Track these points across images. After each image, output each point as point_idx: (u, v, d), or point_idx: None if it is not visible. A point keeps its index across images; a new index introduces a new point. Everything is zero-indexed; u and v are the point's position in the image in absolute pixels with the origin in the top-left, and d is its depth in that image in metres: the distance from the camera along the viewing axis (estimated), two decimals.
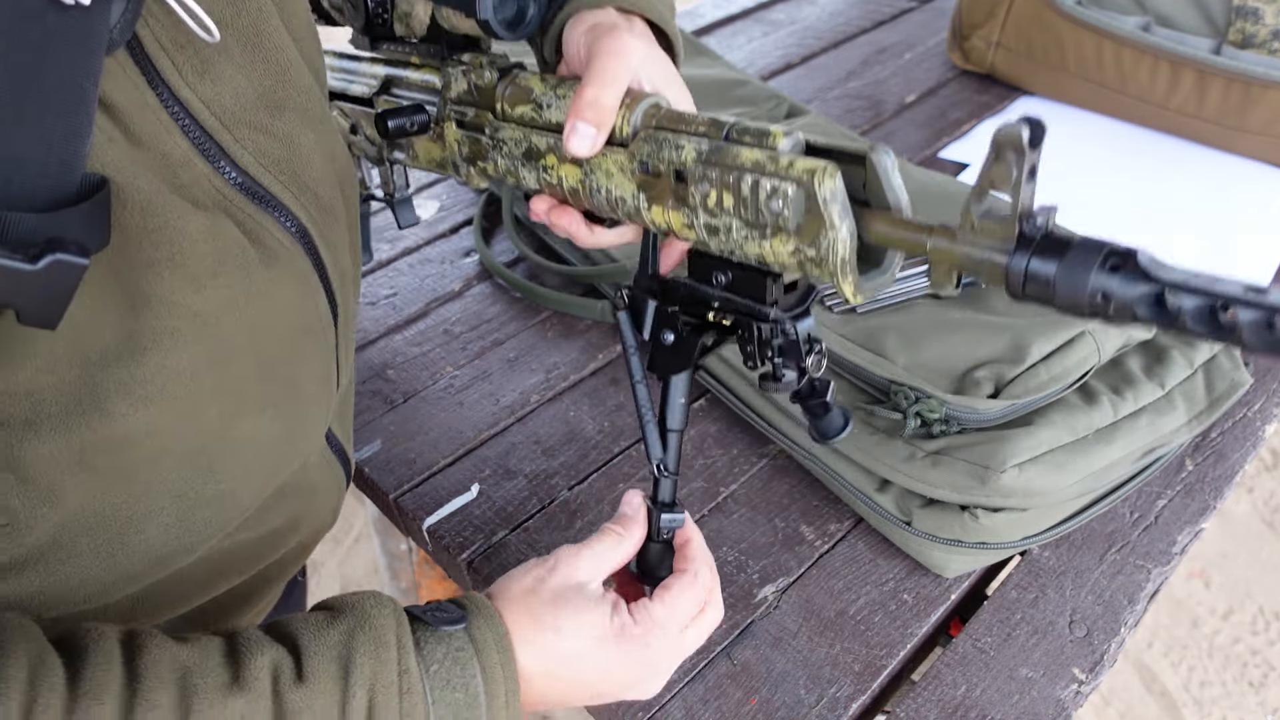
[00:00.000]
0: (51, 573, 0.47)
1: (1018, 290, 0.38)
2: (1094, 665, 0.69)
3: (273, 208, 0.48)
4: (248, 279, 0.47)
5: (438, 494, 0.80)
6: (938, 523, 0.72)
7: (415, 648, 0.48)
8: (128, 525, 0.48)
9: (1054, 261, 0.37)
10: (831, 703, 0.67)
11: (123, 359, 0.43)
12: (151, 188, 0.41)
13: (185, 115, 0.43)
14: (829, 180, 0.42)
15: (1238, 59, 1.10)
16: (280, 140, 0.48)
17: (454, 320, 0.97)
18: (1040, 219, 0.38)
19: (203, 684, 0.42)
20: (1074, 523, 0.76)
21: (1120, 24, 1.17)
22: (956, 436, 0.73)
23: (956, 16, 1.35)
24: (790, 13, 1.53)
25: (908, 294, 0.81)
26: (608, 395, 0.89)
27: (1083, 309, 0.36)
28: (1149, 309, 0.35)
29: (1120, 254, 0.36)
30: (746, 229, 0.46)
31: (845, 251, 0.43)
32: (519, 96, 0.56)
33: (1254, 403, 0.88)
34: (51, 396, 0.42)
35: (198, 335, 0.45)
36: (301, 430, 0.55)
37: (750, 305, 0.51)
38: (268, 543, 0.59)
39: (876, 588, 0.74)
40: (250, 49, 0.46)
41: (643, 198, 0.50)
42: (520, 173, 0.56)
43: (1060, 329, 0.75)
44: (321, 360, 0.55)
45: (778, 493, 0.81)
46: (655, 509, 0.58)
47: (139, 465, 0.47)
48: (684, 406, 0.56)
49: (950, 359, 0.75)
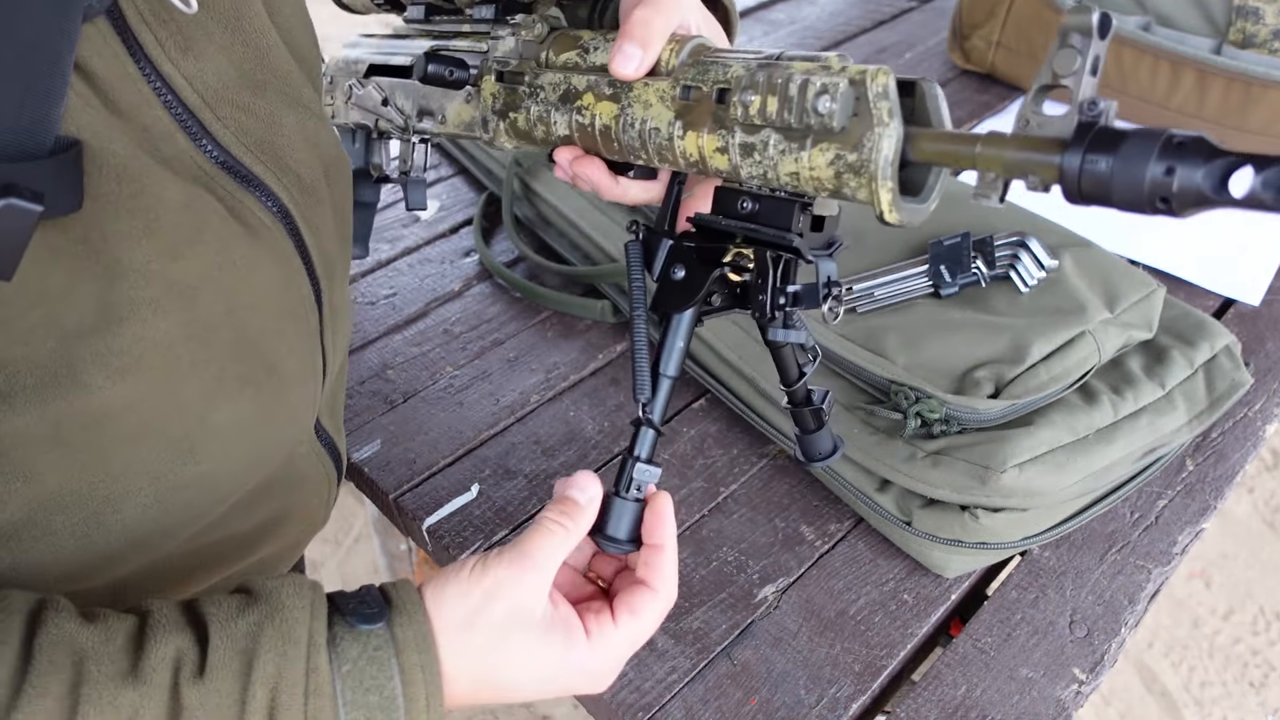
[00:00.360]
0: (25, 550, 0.46)
1: (1074, 188, 0.37)
2: (1094, 665, 0.69)
3: (254, 186, 0.48)
4: (227, 250, 0.46)
5: (438, 494, 0.80)
6: (938, 523, 0.72)
7: (329, 645, 0.45)
8: (104, 505, 0.47)
9: (1109, 155, 0.35)
10: (831, 703, 0.67)
11: (99, 330, 0.42)
12: (128, 153, 0.41)
13: (167, 90, 0.44)
14: (882, 76, 0.42)
15: (1238, 59, 1.10)
16: (261, 120, 0.48)
17: (454, 320, 0.97)
18: (1099, 108, 0.37)
19: (96, 672, 0.40)
20: (1074, 523, 0.76)
21: (1120, 24, 1.17)
22: (957, 436, 0.73)
23: (956, 16, 1.35)
24: (790, 12, 1.53)
25: (908, 294, 0.81)
26: (608, 395, 0.89)
27: (1143, 206, 0.35)
28: (1215, 190, 0.33)
29: (1180, 139, 0.34)
30: (785, 142, 0.45)
31: (890, 150, 0.42)
32: (566, 44, 0.56)
33: (1254, 403, 0.88)
34: (26, 368, 0.41)
35: (175, 305, 0.44)
36: (284, 415, 0.54)
37: (775, 234, 0.49)
38: (255, 536, 0.58)
39: (877, 588, 0.74)
40: (230, 30, 0.47)
41: (678, 125, 0.49)
42: (552, 118, 0.55)
43: (1060, 329, 0.75)
44: (304, 344, 0.54)
45: (778, 493, 0.81)
46: (630, 458, 0.53)
47: (116, 443, 0.46)
48: (681, 351, 0.53)
49: (950, 359, 0.75)
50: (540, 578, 0.49)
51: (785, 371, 0.59)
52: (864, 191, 0.44)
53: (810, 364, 0.58)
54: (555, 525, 0.51)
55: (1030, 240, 0.81)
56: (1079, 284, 0.80)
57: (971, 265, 0.81)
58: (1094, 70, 0.37)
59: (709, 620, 0.71)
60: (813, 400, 0.61)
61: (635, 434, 0.54)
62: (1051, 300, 0.79)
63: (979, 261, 0.81)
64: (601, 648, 0.50)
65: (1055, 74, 0.37)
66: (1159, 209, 0.35)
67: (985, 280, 0.81)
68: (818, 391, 0.62)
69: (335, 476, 0.64)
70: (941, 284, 0.81)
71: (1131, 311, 0.79)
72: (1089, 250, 0.84)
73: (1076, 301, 0.78)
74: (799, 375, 0.59)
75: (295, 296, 0.52)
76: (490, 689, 0.49)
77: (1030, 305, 0.79)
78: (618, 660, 0.52)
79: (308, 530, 0.63)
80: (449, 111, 0.64)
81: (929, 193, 0.46)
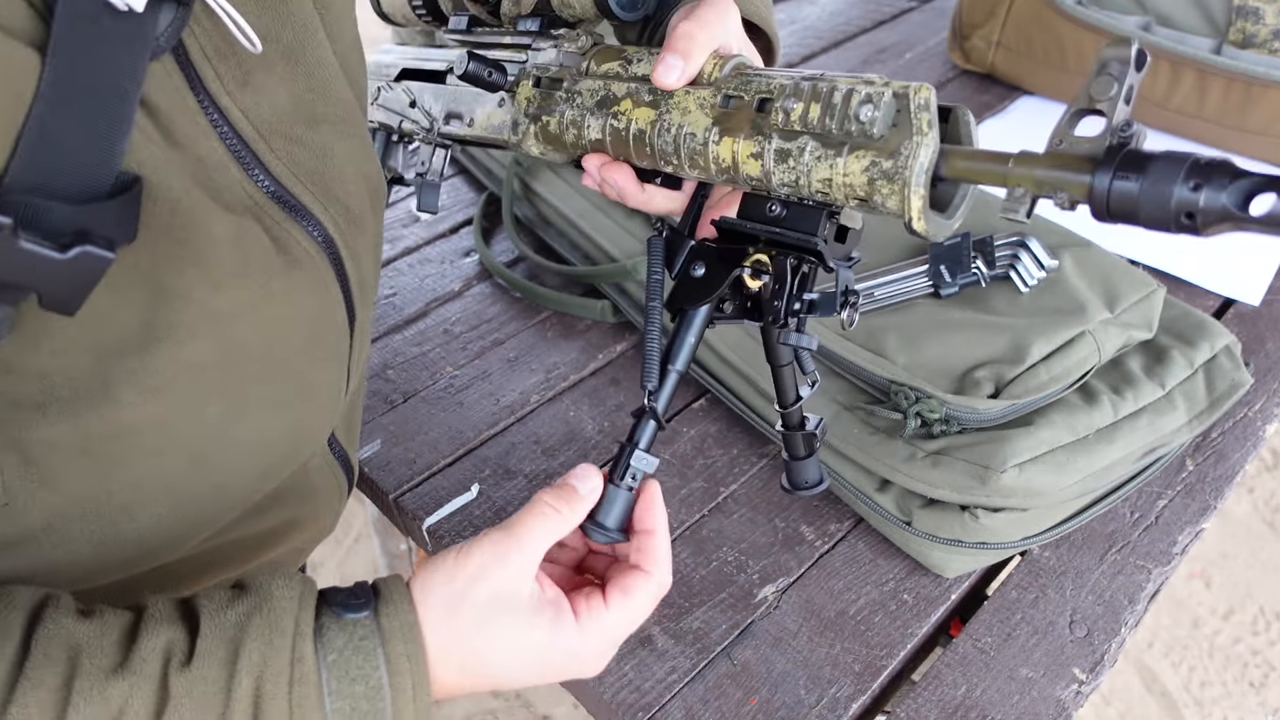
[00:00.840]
0: (43, 555, 0.47)
1: (1102, 206, 0.39)
2: (1094, 665, 0.69)
3: (301, 216, 0.49)
4: (268, 283, 0.47)
5: (438, 494, 0.80)
6: (938, 523, 0.72)
7: (315, 634, 0.45)
8: (121, 514, 0.48)
9: (1138, 175, 0.37)
10: (831, 703, 0.67)
11: (136, 349, 0.43)
12: (182, 187, 0.42)
13: (224, 122, 0.45)
14: (925, 91, 0.44)
15: (1238, 59, 1.10)
16: (314, 152, 0.49)
17: (454, 320, 0.97)
18: (1131, 131, 0.38)
19: (89, 665, 0.41)
20: (1074, 523, 0.76)
21: (1120, 24, 1.17)
22: (956, 436, 0.73)
23: (957, 16, 1.35)
24: (790, 12, 1.53)
25: (908, 294, 0.81)
26: (608, 395, 0.89)
27: (1168, 223, 0.37)
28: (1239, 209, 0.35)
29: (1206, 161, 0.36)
30: (822, 148, 0.47)
31: (926, 159, 0.44)
32: (610, 55, 0.57)
33: (1254, 402, 0.88)
34: (62, 380, 0.43)
35: (212, 332, 0.45)
36: (303, 433, 0.55)
37: (801, 238, 0.50)
38: (262, 541, 0.59)
39: (877, 588, 0.74)
40: (292, 62, 0.47)
41: (715, 131, 0.50)
42: (585, 122, 0.56)
43: (1060, 329, 0.75)
44: (333, 366, 0.55)
45: (778, 493, 0.81)
46: (629, 446, 0.53)
47: (138, 455, 0.47)
48: (691, 347, 0.54)
49: (950, 359, 0.75)
50: (525, 557, 0.48)
51: (783, 393, 0.60)
52: (894, 199, 0.45)
53: (809, 388, 0.59)
54: (548, 508, 0.50)
55: (1030, 240, 0.81)
56: (1079, 284, 0.80)
57: (971, 265, 0.81)
58: (1128, 99, 0.39)
59: (709, 620, 0.71)
60: (806, 425, 0.61)
61: (636, 423, 0.54)
62: (1051, 300, 0.79)
63: (979, 261, 0.81)
64: (592, 629, 0.50)
65: (1092, 98, 0.39)
66: (1184, 226, 0.36)
67: (985, 280, 0.81)
68: (812, 418, 0.62)
69: (346, 487, 0.65)
70: (941, 284, 0.81)
71: (1131, 311, 0.79)
72: (1089, 250, 0.84)
73: (1076, 301, 0.78)
74: (796, 398, 0.59)
75: (330, 323, 0.53)
76: (477, 674, 0.49)
77: (1030, 305, 0.79)
78: (609, 643, 0.51)
79: (315, 537, 0.64)
80: (478, 115, 0.65)
81: (954, 210, 0.47)
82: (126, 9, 0.37)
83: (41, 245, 0.35)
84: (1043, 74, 1.26)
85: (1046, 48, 1.24)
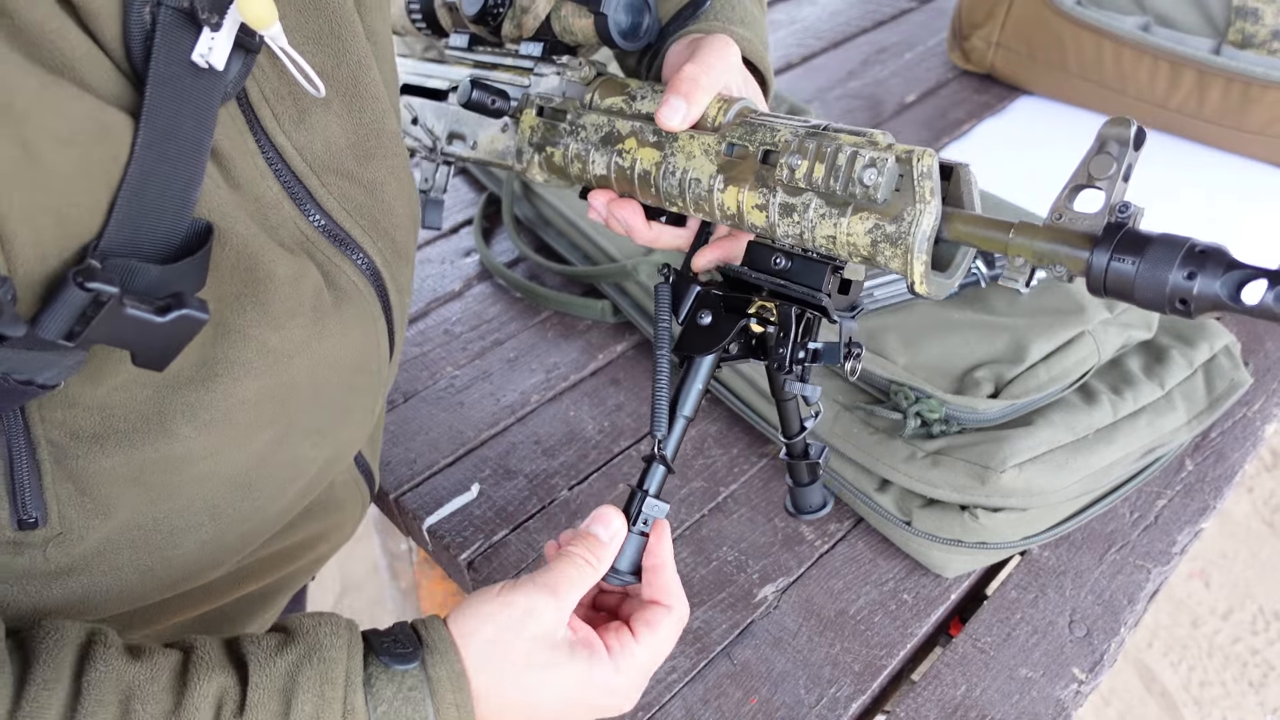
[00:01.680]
0: (94, 582, 0.48)
1: (1099, 284, 0.40)
2: (1094, 665, 0.69)
3: (350, 250, 0.50)
4: (322, 320, 0.48)
5: (438, 494, 0.80)
6: (938, 523, 0.72)
7: (365, 684, 0.46)
8: (167, 540, 0.49)
9: (1135, 257, 0.38)
10: (831, 703, 0.67)
11: (194, 384, 0.44)
12: (249, 232, 0.43)
13: (279, 160, 0.45)
14: (927, 158, 0.45)
15: (1237, 59, 1.10)
16: (364, 187, 0.50)
17: (454, 320, 0.97)
18: (1129, 211, 0.39)
19: (142, 711, 0.41)
20: (1074, 523, 0.76)
21: (1120, 24, 1.17)
22: (956, 436, 0.73)
23: (956, 16, 1.35)
24: (790, 12, 1.53)
25: (908, 294, 0.81)
26: (608, 395, 0.89)
27: (1162, 306, 0.38)
28: (1231, 298, 0.36)
29: (1201, 249, 0.37)
30: (826, 206, 0.47)
31: (928, 227, 0.44)
32: (613, 89, 0.58)
33: (1254, 402, 0.88)
34: (121, 414, 0.43)
35: (267, 369, 0.46)
36: (338, 455, 0.57)
37: (806, 292, 0.51)
38: (290, 555, 0.60)
39: (876, 588, 0.74)
40: (348, 99, 0.48)
41: (719, 179, 0.51)
42: (590, 158, 0.57)
43: (1060, 329, 0.75)
44: (371, 395, 0.56)
45: (778, 493, 0.81)
46: (639, 492, 0.55)
47: (187, 484, 0.48)
48: (700, 394, 0.55)
49: (950, 359, 0.75)
50: (561, 606, 0.50)
51: (787, 423, 0.61)
52: (897, 262, 0.46)
53: (813, 419, 0.60)
54: (581, 560, 0.52)
55: None
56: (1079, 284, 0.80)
57: (971, 265, 0.81)
58: (1126, 177, 0.40)
59: (709, 620, 0.71)
60: (809, 454, 0.64)
61: (646, 469, 0.55)
62: (1051, 300, 0.79)
63: (979, 262, 0.81)
64: (625, 663, 0.51)
65: (1091, 176, 0.40)
66: (1177, 310, 0.38)
67: (985, 280, 0.81)
68: (815, 446, 0.64)
69: (368, 499, 0.66)
70: None
71: (1131, 311, 0.79)
72: None
73: (1076, 301, 0.78)
74: (800, 429, 0.61)
75: (373, 353, 0.54)
76: (515, 712, 0.50)
77: (1030, 305, 0.79)
78: (643, 676, 0.53)
79: (337, 545, 0.65)
80: (481, 138, 0.65)
81: (954, 270, 0.48)
82: (207, 66, 0.38)
83: (143, 311, 0.36)
84: (1042, 74, 1.26)
85: (1046, 48, 1.24)
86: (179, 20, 0.37)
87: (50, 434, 0.43)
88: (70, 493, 0.44)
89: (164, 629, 0.57)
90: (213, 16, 0.37)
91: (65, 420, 0.43)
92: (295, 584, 0.65)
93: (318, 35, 0.46)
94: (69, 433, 0.43)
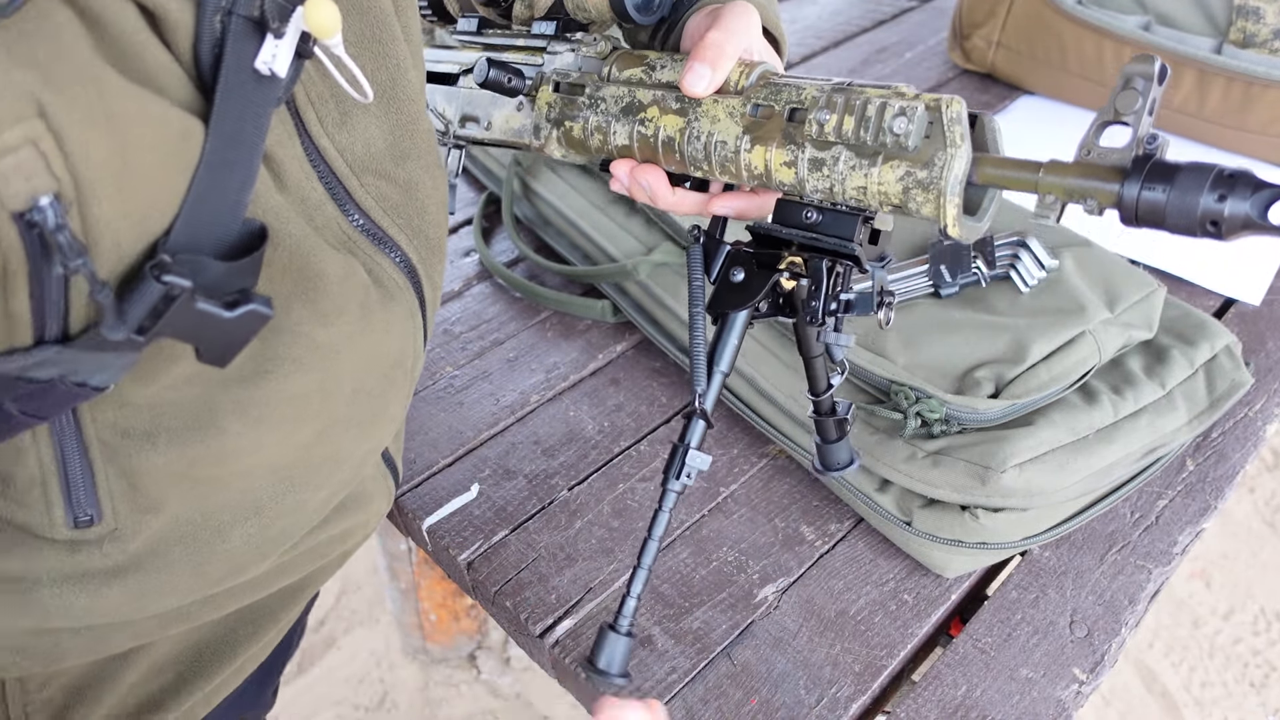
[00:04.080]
0: (148, 580, 0.49)
1: (1131, 215, 0.41)
2: (1094, 665, 0.69)
3: (389, 249, 0.51)
4: (368, 316, 0.49)
5: (438, 494, 0.80)
6: (938, 523, 0.72)
7: None
8: (215, 535, 0.50)
9: (1166, 185, 0.40)
10: (831, 703, 0.67)
11: (244, 381, 0.45)
12: (301, 232, 0.44)
13: (321, 162, 0.46)
14: (956, 104, 0.46)
15: (1238, 59, 1.10)
16: (400, 187, 0.51)
17: (454, 320, 0.97)
18: (1156, 144, 0.41)
19: None
20: (1074, 523, 0.76)
21: (1121, 23, 1.16)
22: (957, 436, 0.73)
23: (957, 16, 1.34)
24: (791, 12, 1.53)
25: (908, 294, 0.81)
26: (608, 395, 0.89)
27: (1194, 229, 0.40)
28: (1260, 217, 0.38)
29: (1230, 172, 0.39)
30: (856, 158, 0.48)
31: (960, 171, 0.46)
32: (631, 61, 0.58)
33: (1255, 402, 0.88)
34: (172, 412, 0.44)
35: (316, 365, 0.47)
36: (374, 448, 0.58)
37: (838, 243, 0.52)
38: (324, 547, 0.61)
39: (877, 588, 0.74)
40: (387, 100, 0.49)
41: (746, 140, 0.52)
42: (611, 129, 0.57)
43: (1061, 329, 0.75)
44: (405, 388, 0.57)
45: (778, 493, 0.81)
46: (681, 446, 0.56)
47: (234, 479, 0.49)
48: (735, 349, 0.56)
49: (950, 359, 0.75)
50: None
51: (815, 381, 0.62)
52: (929, 207, 0.47)
53: (839, 375, 0.61)
54: None
55: (1030, 240, 0.81)
56: (1079, 284, 0.80)
57: (971, 265, 0.81)
58: (1150, 111, 0.41)
59: (709, 620, 0.71)
60: (837, 410, 0.65)
61: (686, 425, 0.56)
62: (1052, 300, 0.79)
63: (979, 261, 0.81)
64: None
65: (1117, 111, 0.41)
66: (1208, 232, 0.39)
67: (985, 280, 0.81)
68: (842, 403, 0.65)
69: (393, 490, 0.67)
70: (941, 284, 0.81)
71: (1132, 311, 0.79)
72: (1089, 250, 0.84)
73: (1077, 301, 0.78)
74: (827, 386, 0.63)
75: (411, 348, 0.55)
76: None
77: (1030, 305, 0.79)
78: None
79: (364, 538, 0.66)
80: (496, 118, 0.65)
81: (984, 213, 0.49)
82: (269, 73, 0.38)
83: (213, 306, 0.37)
84: (1043, 74, 1.26)
85: (1047, 47, 1.24)
86: (247, 29, 0.38)
87: (102, 434, 0.43)
88: (123, 489, 0.45)
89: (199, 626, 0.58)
90: (281, 25, 0.38)
91: (116, 420, 0.43)
92: (325, 577, 0.66)
93: (361, 39, 0.46)
94: (120, 432, 0.44)
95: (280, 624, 0.64)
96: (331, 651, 1.62)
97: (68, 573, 0.47)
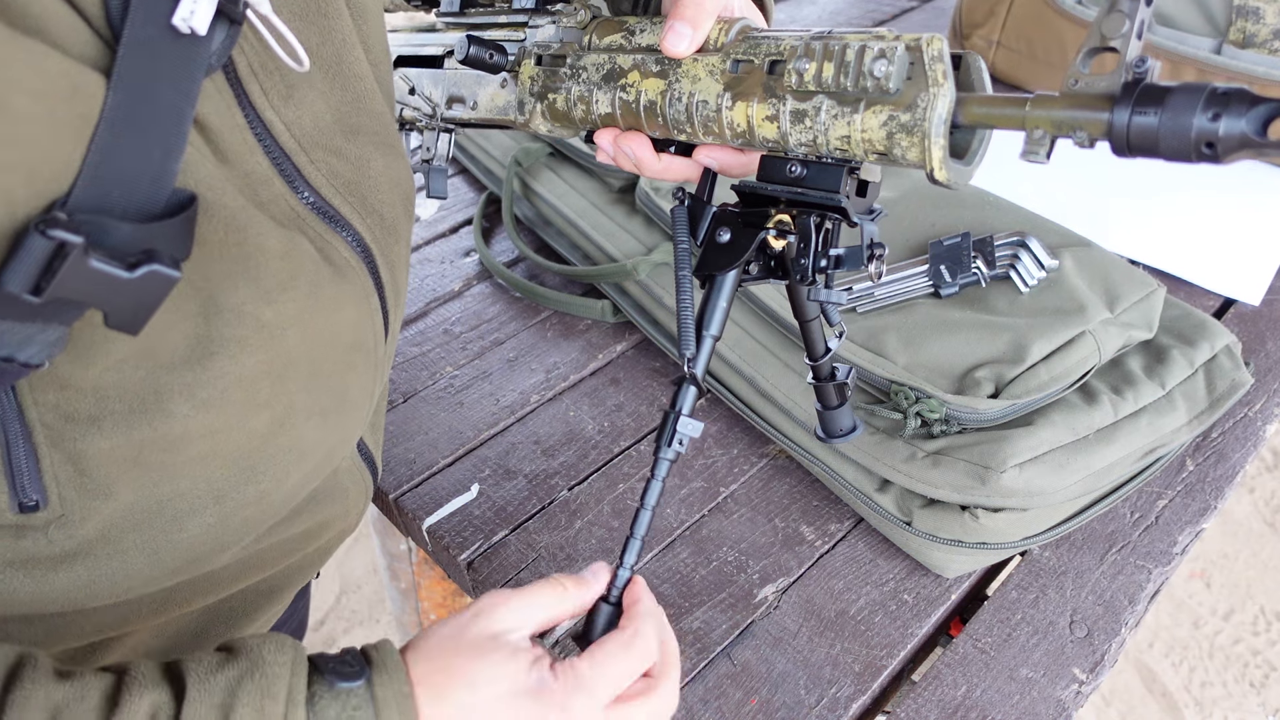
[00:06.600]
0: (99, 566, 0.48)
1: (1122, 141, 0.39)
2: (1094, 665, 0.69)
3: (340, 227, 0.50)
4: (316, 293, 0.48)
5: (437, 494, 0.80)
6: (938, 523, 0.72)
7: (308, 702, 0.44)
8: (172, 523, 0.49)
9: (1157, 108, 0.38)
10: (832, 703, 0.67)
11: (190, 363, 0.44)
12: (236, 204, 0.43)
13: (267, 136, 0.45)
14: (936, 42, 0.44)
15: (1238, 58, 1.10)
16: (351, 163, 0.50)
17: (454, 320, 0.97)
18: (1145, 67, 0.39)
19: None
20: (1074, 523, 0.76)
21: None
22: (957, 436, 0.73)
23: (957, 16, 1.34)
24: (790, 12, 1.53)
25: (908, 294, 0.81)
26: (608, 395, 0.89)
27: (1189, 153, 0.38)
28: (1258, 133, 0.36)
29: (1223, 90, 0.37)
30: (838, 106, 0.47)
31: (944, 110, 0.44)
32: (611, 28, 0.57)
33: (1255, 402, 0.88)
34: (116, 394, 0.43)
35: (263, 344, 0.46)
36: (340, 438, 0.57)
37: (824, 196, 0.51)
38: (295, 543, 0.60)
39: (877, 588, 0.74)
40: (332, 76, 0.48)
41: (727, 97, 0.51)
42: (594, 98, 0.56)
43: (1060, 329, 0.75)
44: (368, 374, 0.56)
45: (778, 493, 0.81)
46: (672, 413, 0.54)
47: (188, 464, 0.48)
48: (724, 311, 0.55)
49: (950, 359, 0.75)
50: (522, 609, 0.49)
51: (812, 345, 0.61)
52: (914, 151, 0.45)
53: (837, 339, 0.60)
54: (557, 583, 0.52)
55: (1030, 240, 0.81)
56: (1079, 284, 0.80)
57: (971, 265, 0.81)
58: (1139, 34, 0.39)
59: (709, 620, 0.71)
60: (837, 375, 0.63)
61: (677, 391, 0.55)
62: (1051, 300, 0.79)
63: (979, 261, 0.81)
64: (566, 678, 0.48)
65: (1104, 36, 0.40)
66: (1204, 155, 0.37)
67: (985, 280, 0.81)
68: (842, 367, 0.64)
69: (371, 487, 0.66)
70: (941, 284, 0.81)
71: (1132, 311, 0.79)
72: (1089, 250, 0.84)
73: (1077, 301, 0.78)
74: (825, 350, 0.61)
75: (369, 331, 0.54)
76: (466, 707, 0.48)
77: (1030, 305, 0.79)
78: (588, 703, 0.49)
79: (342, 535, 0.65)
80: (481, 97, 0.65)
81: (973, 156, 0.48)
82: (189, 32, 0.37)
83: (110, 265, 0.36)
84: (1043, 74, 1.26)
85: (1047, 47, 1.24)
86: None
87: (45, 417, 0.42)
88: (69, 474, 0.44)
89: (169, 621, 0.57)
90: None
91: (59, 403, 0.42)
92: (301, 578, 0.65)
93: (304, 12, 0.46)
94: (63, 415, 0.43)
95: (256, 624, 0.63)
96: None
97: (10, 558, 0.46)
